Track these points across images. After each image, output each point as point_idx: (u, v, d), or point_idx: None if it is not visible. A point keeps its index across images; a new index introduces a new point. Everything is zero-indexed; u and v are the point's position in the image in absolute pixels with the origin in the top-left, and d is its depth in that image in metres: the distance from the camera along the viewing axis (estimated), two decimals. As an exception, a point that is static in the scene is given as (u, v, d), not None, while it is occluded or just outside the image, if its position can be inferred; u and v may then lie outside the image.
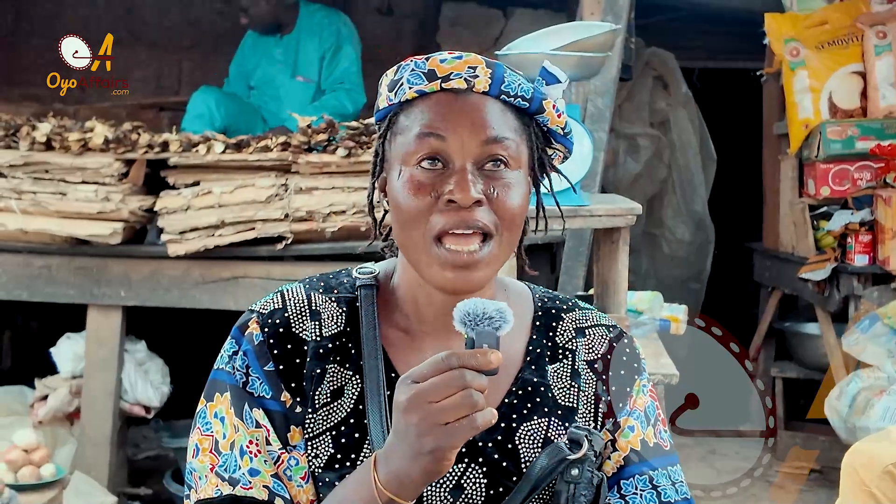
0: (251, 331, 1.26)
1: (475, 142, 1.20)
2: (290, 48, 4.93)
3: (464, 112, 1.21)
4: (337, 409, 1.24)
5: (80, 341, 4.18)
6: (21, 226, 4.01)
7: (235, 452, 1.22)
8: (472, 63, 1.22)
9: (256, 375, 1.24)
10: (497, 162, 1.21)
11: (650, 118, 6.15)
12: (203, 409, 1.26)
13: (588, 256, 3.84)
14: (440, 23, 6.06)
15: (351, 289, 1.30)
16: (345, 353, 1.26)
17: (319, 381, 1.25)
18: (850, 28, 4.73)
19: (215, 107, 4.65)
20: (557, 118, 1.28)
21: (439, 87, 1.21)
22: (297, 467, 1.23)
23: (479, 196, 1.18)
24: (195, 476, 1.24)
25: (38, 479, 3.77)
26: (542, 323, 1.33)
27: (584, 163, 2.78)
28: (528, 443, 1.25)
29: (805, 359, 5.03)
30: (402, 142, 1.23)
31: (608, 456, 1.28)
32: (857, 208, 4.46)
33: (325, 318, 1.27)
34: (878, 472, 2.87)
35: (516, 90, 1.23)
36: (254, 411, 1.23)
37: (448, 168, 1.20)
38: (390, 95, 1.25)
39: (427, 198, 1.19)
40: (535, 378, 1.28)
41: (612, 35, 2.85)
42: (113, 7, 5.94)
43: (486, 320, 1.08)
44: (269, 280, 3.95)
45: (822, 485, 4.51)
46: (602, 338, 1.33)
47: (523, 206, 1.23)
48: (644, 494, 1.26)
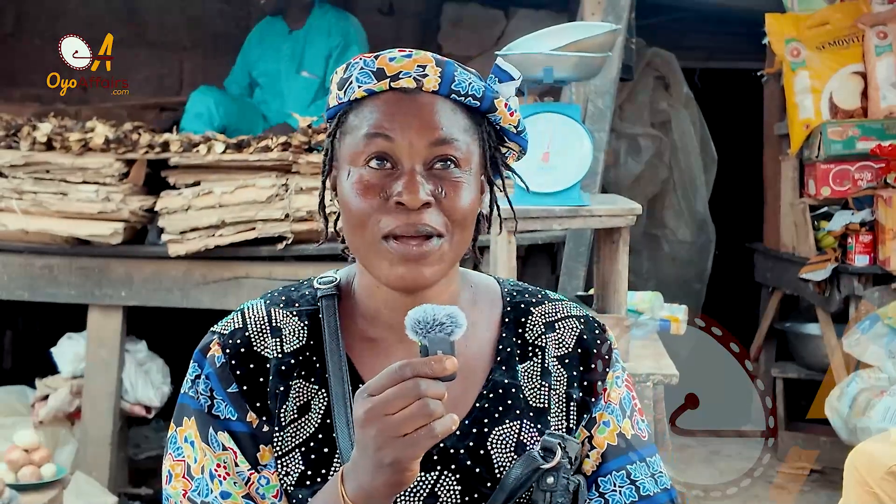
0: (213, 353, 1.25)
1: (423, 143, 1.18)
2: (298, 44, 4.94)
3: (412, 112, 1.19)
4: (304, 425, 1.22)
5: (80, 341, 4.18)
6: (22, 226, 4.02)
7: (206, 476, 1.21)
8: (422, 62, 1.20)
9: (220, 398, 1.23)
10: (447, 162, 1.19)
11: (651, 118, 6.14)
12: (174, 434, 1.26)
13: (588, 257, 3.84)
14: (441, 23, 6.05)
15: (312, 300, 1.28)
16: (309, 367, 1.24)
17: (284, 399, 1.23)
18: (850, 28, 4.73)
19: (214, 106, 4.64)
20: (510, 117, 1.26)
21: (388, 86, 1.20)
22: (268, 486, 1.22)
23: (427, 198, 1.16)
24: (171, 502, 1.23)
25: (38, 479, 3.77)
26: (511, 319, 1.30)
27: (585, 163, 2.79)
28: (500, 447, 1.23)
29: (806, 359, 5.03)
30: (350, 142, 1.21)
31: (586, 454, 1.26)
32: (858, 209, 4.46)
33: (286, 334, 1.25)
34: (882, 472, 2.87)
35: (467, 89, 1.21)
36: (219, 434, 1.22)
37: (396, 169, 1.18)
38: (340, 94, 1.23)
39: (376, 199, 1.17)
40: (506, 379, 1.26)
41: (612, 35, 2.85)
42: (114, 7, 5.94)
43: (438, 326, 1.06)
44: (271, 280, 3.96)
45: (823, 485, 4.51)
46: (572, 330, 1.29)
47: (473, 206, 1.21)
48: (623, 490, 1.25)
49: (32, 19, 5.91)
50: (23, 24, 5.93)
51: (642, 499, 1.25)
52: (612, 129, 4.78)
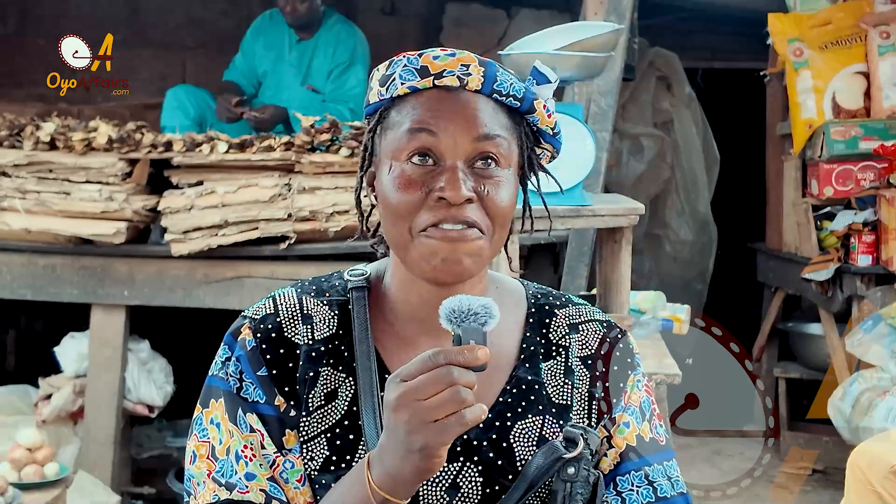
0: (244, 336, 1.27)
1: (467, 139, 1.19)
2: (306, 55, 4.93)
3: (456, 109, 1.20)
4: (331, 411, 1.24)
5: (83, 341, 4.19)
6: (25, 225, 4.02)
7: (231, 457, 1.22)
8: (466, 61, 1.22)
9: (250, 381, 1.25)
10: (488, 160, 1.20)
11: (654, 118, 6.15)
12: (199, 415, 1.27)
13: (591, 256, 3.84)
14: (444, 23, 6.06)
15: (343, 291, 1.30)
16: (337, 355, 1.26)
17: (313, 385, 1.24)
18: (853, 28, 4.72)
19: (185, 98, 4.73)
20: (548, 118, 1.28)
21: (432, 83, 1.21)
22: (292, 470, 1.24)
23: (469, 194, 1.18)
24: (193, 482, 1.24)
25: (41, 478, 3.77)
26: (536, 320, 1.32)
27: (587, 163, 2.78)
28: (522, 441, 1.25)
29: (808, 359, 5.03)
30: (392, 137, 1.22)
31: (605, 453, 1.27)
32: (861, 208, 4.46)
33: (316, 322, 1.27)
34: (884, 472, 2.87)
35: (508, 89, 1.23)
36: (248, 416, 1.23)
37: (439, 165, 1.19)
38: (381, 90, 1.24)
39: (417, 193, 1.19)
40: (529, 376, 1.28)
41: (614, 35, 2.85)
42: (117, 7, 5.96)
43: (472, 316, 1.08)
44: (274, 280, 3.96)
45: (825, 485, 4.51)
46: (595, 333, 1.32)
47: (512, 204, 1.23)
48: (640, 490, 1.26)
49: (35, 19, 5.92)
50: (26, 24, 5.95)
51: (659, 500, 1.26)
52: (614, 129, 4.78)
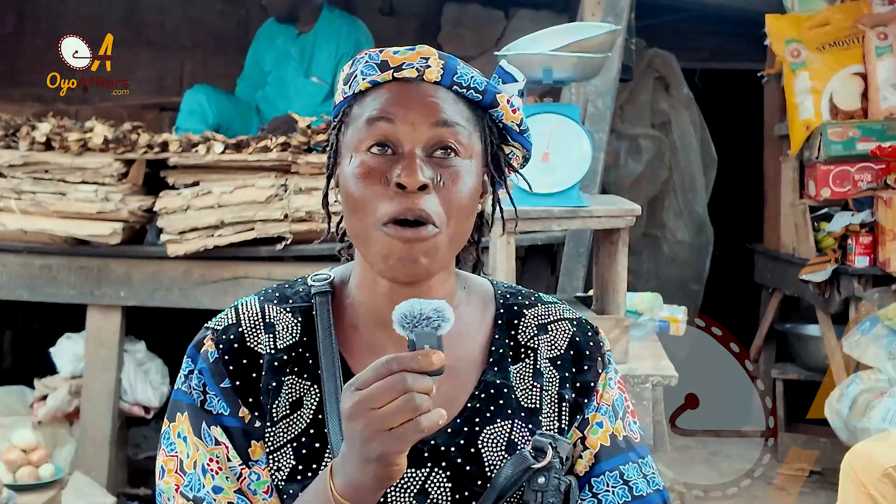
0: (206, 348, 1.25)
1: (425, 124, 1.19)
2: (307, 48, 4.93)
3: (415, 98, 1.20)
4: (296, 420, 1.23)
5: (79, 341, 4.18)
6: (21, 226, 4.02)
7: (198, 471, 1.21)
8: (425, 54, 1.22)
9: (213, 393, 1.23)
10: (447, 149, 1.19)
11: (651, 119, 6.15)
12: (167, 430, 1.26)
13: (588, 257, 3.84)
14: (442, 23, 6.05)
15: (306, 297, 1.28)
16: (302, 363, 1.24)
17: (276, 394, 1.23)
18: (851, 29, 4.72)
19: (207, 103, 4.67)
20: (512, 114, 1.27)
21: (391, 76, 1.22)
22: (259, 482, 1.22)
23: (425, 180, 1.16)
24: (164, 497, 1.23)
25: (36, 480, 3.76)
26: (504, 321, 1.30)
27: (584, 164, 2.78)
28: (491, 446, 1.23)
29: (806, 360, 5.02)
30: (353, 130, 1.22)
31: (579, 455, 1.26)
32: (858, 210, 4.45)
33: (279, 330, 1.26)
34: (878, 474, 2.86)
35: (469, 82, 1.23)
36: (212, 429, 1.22)
37: (397, 154, 1.19)
38: (345, 89, 1.25)
39: (377, 184, 1.18)
40: (498, 380, 1.26)
41: (612, 36, 2.85)
42: (115, 7, 5.95)
43: (425, 321, 1.06)
44: (270, 280, 3.95)
45: (823, 486, 4.51)
46: (564, 333, 1.30)
47: (472, 197, 1.21)
48: (616, 490, 1.25)
49: (33, 19, 5.92)
50: (24, 24, 5.94)
51: (635, 499, 1.25)
52: (612, 130, 4.78)
